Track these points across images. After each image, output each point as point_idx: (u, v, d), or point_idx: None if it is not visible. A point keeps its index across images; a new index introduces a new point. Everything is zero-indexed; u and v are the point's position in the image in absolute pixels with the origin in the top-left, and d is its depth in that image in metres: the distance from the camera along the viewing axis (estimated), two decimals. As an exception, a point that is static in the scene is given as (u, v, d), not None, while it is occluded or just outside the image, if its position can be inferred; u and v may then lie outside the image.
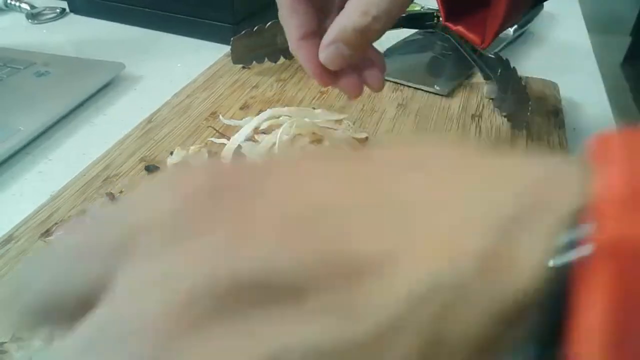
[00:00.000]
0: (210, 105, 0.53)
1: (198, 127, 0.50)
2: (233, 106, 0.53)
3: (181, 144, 0.46)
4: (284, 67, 0.61)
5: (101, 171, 0.44)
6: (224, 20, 0.68)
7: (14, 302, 0.15)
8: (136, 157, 0.45)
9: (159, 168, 0.44)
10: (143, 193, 0.17)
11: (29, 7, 0.80)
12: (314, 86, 0.57)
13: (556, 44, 0.72)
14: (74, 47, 0.70)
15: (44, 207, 0.40)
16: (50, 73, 0.59)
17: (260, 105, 0.53)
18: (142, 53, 0.67)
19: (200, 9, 0.69)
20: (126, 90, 0.59)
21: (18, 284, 0.16)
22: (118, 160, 0.45)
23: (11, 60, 0.61)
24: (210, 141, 0.46)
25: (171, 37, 0.73)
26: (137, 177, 0.43)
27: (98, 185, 0.42)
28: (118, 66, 0.61)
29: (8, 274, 0.34)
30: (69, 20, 0.79)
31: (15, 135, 0.48)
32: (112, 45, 0.70)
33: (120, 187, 0.42)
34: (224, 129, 0.48)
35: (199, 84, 0.57)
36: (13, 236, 0.37)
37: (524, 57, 0.68)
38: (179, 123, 0.50)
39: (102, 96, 0.58)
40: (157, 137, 0.48)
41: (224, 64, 0.61)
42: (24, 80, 0.57)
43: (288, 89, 0.56)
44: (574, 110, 0.56)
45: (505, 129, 0.49)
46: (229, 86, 0.57)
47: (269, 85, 0.57)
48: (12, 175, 0.45)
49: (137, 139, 0.48)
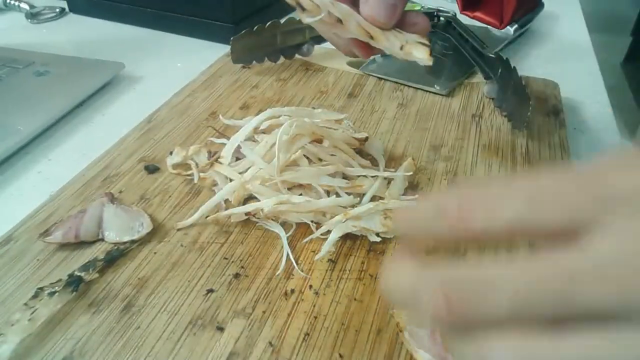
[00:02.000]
0: (210, 105, 0.53)
1: (198, 127, 0.50)
2: (233, 106, 0.53)
3: (181, 144, 0.46)
4: (284, 67, 0.60)
5: (101, 171, 0.44)
6: (224, 20, 0.68)
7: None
8: (136, 157, 0.45)
9: (158, 168, 0.44)
10: (617, 162, 0.18)
11: (29, 7, 0.80)
12: (314, 86, 0.57)
13: (557, 44, 0.71)
14: (74, 47, 0.70)
15: (43, 207, 0.40)
16: (50, 73, 0.58)
17: (260, 105, 0.53)
18: (142, 53, 0.67)
19: (200, 9, 0.69)
20: (126, 90, 0.59)
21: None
22: (117, 160, 0.45)
23: (10, 59, 0.61)
24: (210, 141, 0.46)
25: (171, 37, 0.73)
26: (136, 176, 0.43)
27: (97, 185, 0.42)
28: (118, 66, 0.61)
29: (8, 274, 0.34)
30: (69, 20, 0.79)
31: (15, 135, 0.48)
32: (111, 45, 0.70)
33: (120, 187, 0.42)
34: (224, 129, 0.48)
35: (198, 83, 0.57)
36: (12, 236, 0.37)
37: (525, 56, 0.68)
38: (179, 123, 0.50)
39: (101, 96, 0.58)
40: (157, 137, 0.48)
41: (224, 64, 0.61)
42: (23, 80, 0.57)
43: (288, 89, 0.56)
44: (575, 109, 0.56)
45: (505, 128, 0.49)
46: (229, 86, 0.57)
47: (269, 85, 0.57)
48: (11, 175, 0.45)
49: (137, 138, 0.48)
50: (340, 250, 0.36)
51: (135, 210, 0.38)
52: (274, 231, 0.37)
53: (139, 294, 0.33)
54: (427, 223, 0.19)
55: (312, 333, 0.30)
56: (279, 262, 0.35)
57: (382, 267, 0.34)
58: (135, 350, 0.29)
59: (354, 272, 0.34)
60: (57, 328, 0.31)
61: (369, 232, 0.36)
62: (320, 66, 0.60)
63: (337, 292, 0.33)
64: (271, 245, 0.36)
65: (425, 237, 0.21)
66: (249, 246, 0.36)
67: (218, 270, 0.34)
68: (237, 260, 0.35)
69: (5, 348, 0.29)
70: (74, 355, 0.29)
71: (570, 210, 0.17)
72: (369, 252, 0.36)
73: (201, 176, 0.42)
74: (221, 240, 0.37)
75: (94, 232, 0.37)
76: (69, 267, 0.34)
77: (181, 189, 0.42)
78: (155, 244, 0.37)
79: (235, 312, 0.32)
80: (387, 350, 0.29)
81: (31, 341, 0.30)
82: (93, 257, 0.35)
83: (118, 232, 0.36)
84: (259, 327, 0.31)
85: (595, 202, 0.17)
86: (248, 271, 0.34)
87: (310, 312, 0.31)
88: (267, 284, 0.34)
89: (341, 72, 0.59)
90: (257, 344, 0.30)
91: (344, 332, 0.30)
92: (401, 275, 0.18)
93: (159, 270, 0.35)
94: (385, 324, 0.31)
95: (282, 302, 0.32)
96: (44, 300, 0.31)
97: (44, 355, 0.29)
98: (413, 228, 0.20)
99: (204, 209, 0.38)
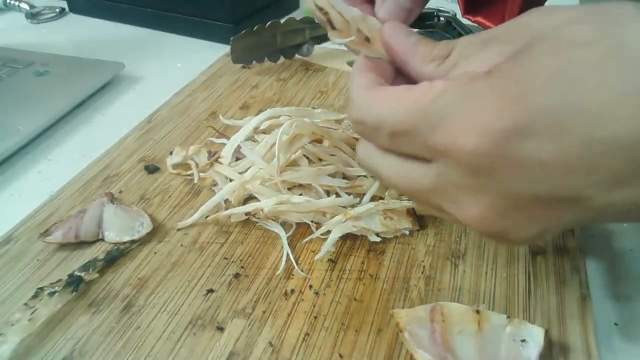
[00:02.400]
0: (210, 105, 0.53)
1: (198, 127, 0.50)
2: (233, 106, 0.53)
3: (181, 144, 0.46)
4: (284, 66, 0.60)
5: (101, 171, 0.44)
6: (224, 20, 0.68)
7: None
8: (136, 157, 0.45)
9: (158, 168, 0.44)
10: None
11: (29, 7, 0.80)
12: (314, 86, 0.57)
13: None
14: (74, 47, 0.70)
15: (43, 207, 0.40)
16: (50, 73, 0.58)
17: (260, 105, 0.53)
18: (142, 53, 0.67)
19: (200, 9, 0.69)
20: (126, 90, 0.59)
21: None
22: (117, 160, 0.45)
23: (10, 59, 0.61)
24: (210, 141, 0.46)
25: (171, 37, 0.72)
26: (136, 176, 0.43)
27: (97, 185, 0.42)
28: (118, 66, 0.61)
29: (8, 274, 0.34)
30: (69, 20, 0.79)
31: (15, 135, 0.48)
32: (111, 45, 0.70)
33: (120, 187, 0.42)
34: (223, 129, 0.48)
35: (198, 83, 0.57)
36: (12, 236, 0.37)
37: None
38: (179, 123, 0.50)
39: (101, 96, 0.57)
40: (157, 137, 0.48)
41: (224, 64, 0.61)
42: (23, 80, 0.57)
43: (288, 88, 0.56)
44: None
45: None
46: (229, 86, 0.57)
47: (269, 85, 0.57)
48: (11, 175, 0.45)
49: (137, 138, 0.48)
50: (340, 250, 0.36)
51: (135, 210, 0.38)
52: (274, 231, 0.37)
53: (139, 294, 0.33)
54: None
55: (312, 333, 0.30)
56: (279, 262, 0.35)
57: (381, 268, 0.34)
58: (135, 350, 0.29)
59: (354, 272, 0.34)
60: (57, 328, 0.31)
61: (369, 232, 0.36)
62: (320, 66, 0.60)
63: (337, 292, 0.33)
64: (271, 245, 0.36)
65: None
66: (249, 246, 0.36)
67: (218, 270, 0.34)
68: (237, 260, 0.35)
69: (5, 348, 0.29)
70: (74, 355, 0.29)
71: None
72: (369, 252, 0.36)
73: (201, 176, 0.42)
74: (221, 240, 0.37)
75: (94, 232, 0.37)
76: (69, 267, 0.34)
77: (181, 189, 0.42)
78: (155, 244, 0.37)
79: (235, 312, 0.32)
80: (387, 350, 0.29)
81: (31, 341, 0.30)
82: (93, 257, 0.35)
83: (118, 232, 0.36)
84: (259, 327, 0.31)
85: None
86: (248, 271, 0.34)
87: (310, 312, 0.31)
88: (267, 284, 0.34)
89: (341, 72, 0.59)
90: (257, 344, 0.30)
91: (344, 332, 0.30)
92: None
93: (159, 270, 0.35)
94: (385, 324, 0.31)
95: (282, 302, 0.32)
96: (44, 300, 0.31)
97: (44, 355, 0.29)
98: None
99: (204, 209, 0.38)
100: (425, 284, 0.33)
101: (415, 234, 0.37)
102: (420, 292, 0.33)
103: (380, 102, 0.23)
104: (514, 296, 0.32)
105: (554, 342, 0.29)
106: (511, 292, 0.32)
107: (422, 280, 0.33)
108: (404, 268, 0.34)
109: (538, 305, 0.31)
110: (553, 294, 0.32)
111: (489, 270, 0.34)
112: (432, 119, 0.21)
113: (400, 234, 0.37)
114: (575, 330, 0.30)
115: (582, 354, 0.29)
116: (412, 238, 0.37)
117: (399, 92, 0.23)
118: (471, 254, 0.35)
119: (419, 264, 0.35)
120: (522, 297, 0.32)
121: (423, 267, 0.34)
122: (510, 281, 0.33)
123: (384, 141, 0.24)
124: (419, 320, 0.29)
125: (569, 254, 0.35)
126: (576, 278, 0.33)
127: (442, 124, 0.21)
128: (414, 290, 0.33)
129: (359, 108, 0.24)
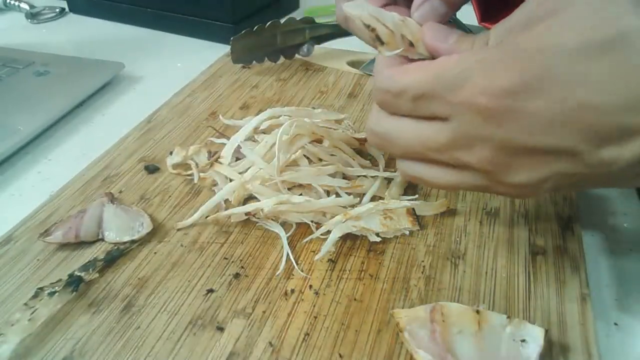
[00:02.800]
0: (210, 105, 0.53)
1: (198, 127, 0.50)
2: (233, 106, 0.53)
3: (181, 144, 0.46)
4: (284, 67, 0.60)
5: (101, 171, 0.44)
6: (224, 20, 0.68)
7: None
8: (136, 157, 0.45)
9: (158, 168, 0.44)
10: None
11: (29, 7, 0.80)
12: (314, 86, 0.57)
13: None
14: (74, 47, 0.70)
15: (43, 207, 0.40)
16: (50, 73, 0.58)
17: (260, 105, 0.53)
18: (142, 53, 0.67)
19: (200, 9, 0.69)
20: (126, 90, 0.59)
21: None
22: (117, 160, 0.45)
23: (11, 59, 0.61)
24: (210, 141, 0.46)
25: (171, 37, 0.73)
26: (136, 176, 0.43)
27: (97, 185, 0.42)
28: (118, 66, 0.61)
29: (8, 274, 0.34)
30: (69, 20, 0.79)
31: (15, 135, 0.48)
32: (111, 45, 0.70)
33: (120, 187, 0.42)
34: (223, 129, 0.48)
35: (198, 83, 0.57)
36: (12, 236, 0.37)
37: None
38: (179, 123, 0.50)
39: (101, 96, 0.58)
40: (157, 137, 0.48)
41: (224, 64, 0.61)
42: (23, 80, 0.57)
43: (288, 89, 0.56)
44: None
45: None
46: (229, 86, 0.57)
47: (269, 85, 0.57)
48: (11, 175, 0.45)
49: (137, 138, 0.48)
50: (340, 250, 0.36)
51: (135, 210, 0.38)
52: (274, 231, 0.37)
53: (139, 294, 0.33)
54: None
55: (312, 333, 0.30)
56: (279, 262, 0.35)
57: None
58: (135, 350, 0.29)
59: (354, 272, 0.34)
60: (57, 328, 0.31)
61: (369, 232, 0.36)
62: (320, 66, 0.60)
63: (337, 292, 0.33)
64: (271, 245, 0.36)
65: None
66: (249, 246, 0.36)
67: (218, 270, 0.34)
68: (237, 260, 0.35)
69: (5, 348, 0.29)
70: (74, 355, 0.29)
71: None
72: (369, 252, 0.36)
73: (201, 176, 0.42)
74: (221, 240, 0.37)
75: (94, 232, 0.37)
76: (69, 267, 0.34)
77: (181, 189, 0.42)
78: (155, 244, 0.37)
79: (235, 312, 0.32)
80: (387, 350, 0.29)
81: (31, 341, 0.30)
82: (93, 257, 0.35)
83: (118, 232, 0.36)
84: (259, 327, 0.31)
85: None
86: (248, 271, 0.34)
87: (310, 312, 0.31)
88: (267, 284, 0.34)
89: (341, 72, 0.59)
90: (257, 344, 0.30)
91: (344, 332, 0.30)
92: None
93: (159, 270, 0.35)
94: (385, 324, 0.31)
95: (282, 302, 0.32)
96: (44, 300, 0.31)
97: (44, 355, 0.29)
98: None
99: (204, 209, 0.38)
100: (425, 284, 0.33)
101: (415, 234, 0.37)
102: (420, 292, 0.33)
103: (406, 73, 0.26)
104: (514, 296, 0.32)
105: (554, 342, 0.29)
106: (511, 292, 0.32)
107: (422, 280, 0.33)
108: (404, 268, 0.34)
109: (538, 305, 0.31)
110: (553, 294, 0.32)
111: (489, 270, 0.34)
112: (453, 81, 0.25)
113: (400, 234, 0.37)
114: (575, 330, 0.30)
115: (582, 354, 0.29)
116: (412, 238, 0.37)
117: (420, 64, 0.27)
118: (471, 254, 0.35)
119: (419, 264, 0.35)
120: (522, 297, 0.32)
121: (423, 267, 0.34)
122: (510, 281, 0.33)
123: (405, 105, 0.27)
124: (419, 320, 0.29)
125: (569, 254, 0.35)
126: (576, 278, 0.33)
127: (462, 85, 0.24)
128: (414, 290, 0.33)
129: (386, 79, 0.27)
